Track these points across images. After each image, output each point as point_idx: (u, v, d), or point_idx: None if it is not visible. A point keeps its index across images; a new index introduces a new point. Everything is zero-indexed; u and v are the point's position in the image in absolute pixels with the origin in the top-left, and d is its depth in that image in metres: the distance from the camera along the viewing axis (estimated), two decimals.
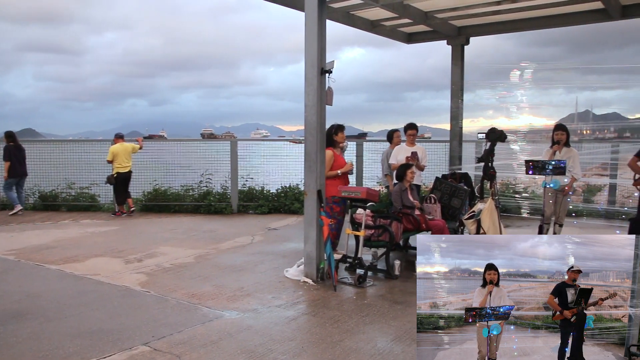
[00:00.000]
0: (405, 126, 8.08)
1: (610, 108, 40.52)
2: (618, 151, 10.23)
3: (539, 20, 8.80)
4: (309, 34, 5.90)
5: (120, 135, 11.28)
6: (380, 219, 6.51)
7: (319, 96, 5.90)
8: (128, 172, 10.85)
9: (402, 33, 10.08)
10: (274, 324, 4.72)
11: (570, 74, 9.22)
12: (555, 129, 7.36)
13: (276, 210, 11.12)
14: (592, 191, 11.59)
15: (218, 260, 7.05)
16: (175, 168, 12.12)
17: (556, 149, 7.19)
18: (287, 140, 16.51)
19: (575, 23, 8.69)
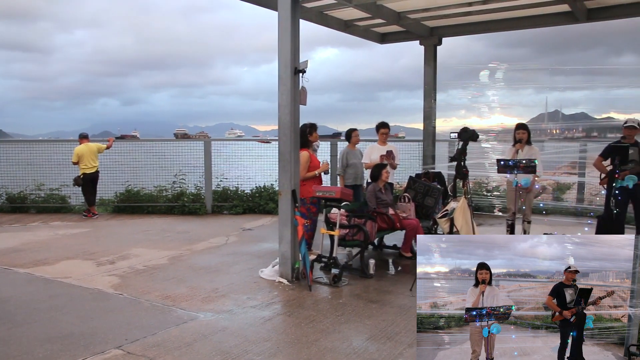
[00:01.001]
0: (377, 125, 8.04)
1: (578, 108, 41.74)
2: (586, 150, 10.46)
3: (508, 21, 8.97)
4: (282, 34, 5.89)
5: (84, 135, 11.05)
6: (354, 218, 6.55)
7: (293, 96, 5.90)
8: (95, 173, 10.66)
9: (375, 33, 10.14)
10: (249, 325, 4.70)
11: (539, 75, 9.42)
12: (517, 128, 7.51)
13: (251, 211, 11.08)
14: (561, 189, 11.84)
15: (192, 262, 6.99)
16: (149, 168, 11.97)
17: (519, 147, 7.33)
18: (256, 140, 16.42)
19: (543, 25, 8.90)
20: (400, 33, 10.00)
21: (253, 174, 11.91)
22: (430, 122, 10.17)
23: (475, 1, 7.71)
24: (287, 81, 5.88)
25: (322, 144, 11.53)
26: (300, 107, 6.09)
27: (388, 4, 8.05)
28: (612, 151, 6.83)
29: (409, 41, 10.23)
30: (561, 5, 7.75)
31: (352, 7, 7.65)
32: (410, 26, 9.22)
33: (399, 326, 4.65)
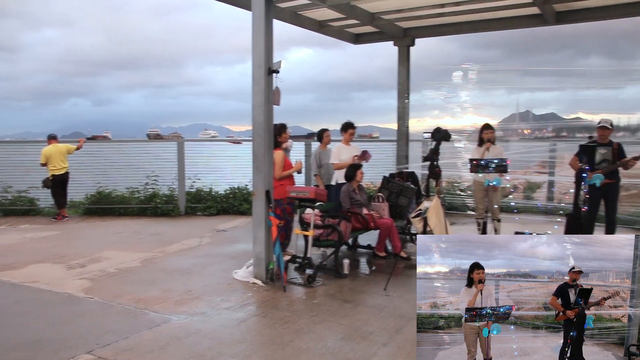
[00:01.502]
0: (345, 125, 7.90)
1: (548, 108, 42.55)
2: (555, 150, 10.66)
3: (480, 23, 9.09)
4: (256, 34, 5.86)
5: (53, 136, 10.82)
6: (328, 218, 6.55)
7: (267, 96, 5.88)
8: (65, 174, 10.45)
9: (349, 34, 10.17)
10: (223, 327, 4.67)
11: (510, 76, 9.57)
12: (484, 128, 7.62)
13: (225, 212, 11.00)
14: (532, 188, 12.05)
15: (165, 264, 6.90)
16: (120, 170, 11.78)
17: (488, 145, 7.43)
18: (227, 140, 16.31)
19: (513, 27, 9.05)
20: (374, 34, 10.05)
21: (227, 175, 11.82)
22: (403, 122, 10.25)
23: (448, 3, 7.79)
24: (260, 81, 5.85)
25: (297, 144, 11.52)
26: (274, 107, 6.07)
27: (362, 4, 8.08)
28: (581, 151, 6.97)
29: (382, 42, 10.29)
30: (531, 8, 7.90)
31: (326, 8, 7.66)
32: (384, 27, 9.27)
33: (373, 325, 4.67)
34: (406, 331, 4.53)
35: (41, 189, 10.67)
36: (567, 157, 9.35)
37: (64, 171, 10.43)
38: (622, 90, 9.46)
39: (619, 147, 6.84)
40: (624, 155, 6.78)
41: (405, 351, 4.13)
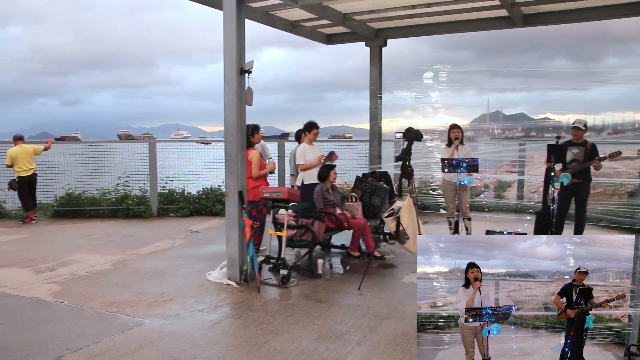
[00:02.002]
0: (309, 125, 7.79)
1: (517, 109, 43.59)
2: (525, 149, 10.87)
3: (450, 24, 9.22)
4: (227, 33, 5.84)
5: (19, 137, 10.57)
6: (302, 218, 6.56)
7: (239, 96, 5.85)
8: (32, 176, 10.22)
9: (321, 34, 10.20)
10: (197, 329, 4.63)
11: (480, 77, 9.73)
12: (452, 128, 7.72)
13: (198, 213, 10.91)
14: (502, 187, 12.26)
15: (137, 266, 6.81)
16: (91, 171, 11.57)
17: (457, 144, 7.54)
18: (196, 140, 16.14)
19: (483, 28, 9.21)
20: (346, 34, 10.10)
21: (200, 176, 11.72)
22: (376, 122, 10.33)
23: (419, 4, 7.87)
24: (232, 81, 5.82)
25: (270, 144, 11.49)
26: (246, 107, 6.05)
27: (334, 5, 8.10)
28: (550, 150, 7.12)
29: (354, 42, 10.34)
30: (499, 10, 8.04)
31: (298, 8, 7.66)
32: (356, 27, 9.31)
33: (348, 325, 4.69)
34: (380, 330, 4.57)
35: (7, 191, 10.43)
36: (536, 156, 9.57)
37: (31, 173, 10.20)
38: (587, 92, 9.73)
39: (592, 148, 6.97)
40: (596, 155, 6.93)
41: (380, 350, 4.16)
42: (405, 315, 4.93)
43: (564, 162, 6.76)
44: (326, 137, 21.80)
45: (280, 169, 11.06)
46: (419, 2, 7.79)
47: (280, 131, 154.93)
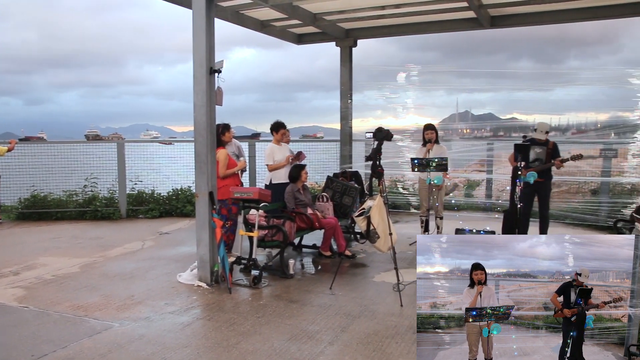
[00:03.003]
0: (276, 125, 7.81)
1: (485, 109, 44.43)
2: (493, 148, 11.06)
3: (419, 25, 9.34)
4: (197, 33, 5.78)
5: None
6: (273, 219, 6.55)
7: (209, 96, 5.81)
8: None
9: (292, 34, 10.20)
10: (168, 331, 4.59)
11: (449, 77, 9.89)
12: (426, 129, 7.84)
13: (168, 214, 10.78)
14: (472, 186, 12.45)
15: (106, 269, 6.70)
16: (57, 172, 11.31)
17: (430, 147, 7.66)
18: (157, 141, 15.92)
19: (451, 30, 9.37)
20: (316, 34, 10.12)
21: (170, 176, 11.59)
22: (347, 122, 10.39)
23: (388, 5, 7.94)
24: (202, 81, 5.78)
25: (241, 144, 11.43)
26: (216, 107, 6.01)
27: (304, 5, 8.11)
28: (516, 150, 7.27)
29: (325, 42, 10.38)
30: (467, 12, 8.18)
31: (268, 8, 7.65)
32: (326, 27, 9.34)
33: (320, 325, 4.71)
34: (352, 329, 4.60)
35: None
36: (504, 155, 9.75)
37: None
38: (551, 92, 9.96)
39: (554, 147, 7.17)
40: (557, 155, 7.12)
41: (352, 349, 4.19)
42: (377, 314, 4.97)
43: (527, 161, 6.93)
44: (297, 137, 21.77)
45: (251, 169, 11.02)
46: (389, 3, 7.86)
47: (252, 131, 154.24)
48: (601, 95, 9.46)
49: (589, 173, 10.46)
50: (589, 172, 10.45)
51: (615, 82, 8.62)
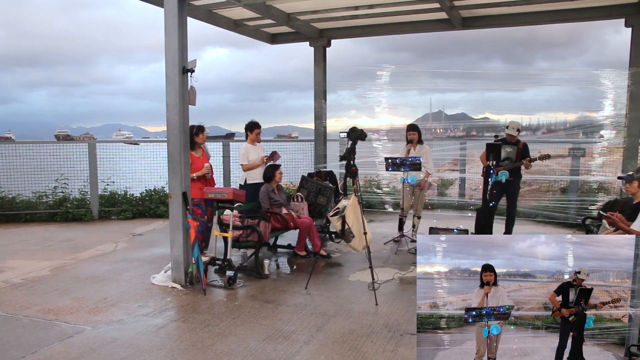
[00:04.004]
0: (250, 125, 7.76)
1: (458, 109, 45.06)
2: (466, 148, 11.22)
3: (392, 26, 9.43)
4: (169, 31, 5.73)
5: None
6: (248, 219, 6.53)
7: (181, 96, 5.76)
8: None
9: (265, 33, 10.18)
10: (141, 334, 4.53)
11: (422, 77, 10.00)
12: (408, 129, 7.91)
13: (141, 215, 10.65)
14: (445, 185, 12.60)
15: (77, 271, 6.59)
16: (26, 173, 11.05)
17: (410, 147, 7.74)
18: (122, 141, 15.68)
19: (423, 30, 9.49)
20: (290, 34, 10.12)
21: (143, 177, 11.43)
22: (321, 122, 10.41)
23: (362, 5, 7.99)
24: (174, 81, 5.72)
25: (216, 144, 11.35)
26: (190, 107, 5.96)
27: (277, 4, 8.10)
28: (488, 149, 7.38)
29: (299, 42, 10.39)
30: (439, 13, 8.28)
31: (241, 7, 7.62)
32: (300, 27, 9.35)
33: (295, 325, 4.71)
34: (327, 329, 4.62)
35: None
36: (476, 154, 9.90)
37: None
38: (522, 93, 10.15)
39: (524, 147, 7.32)
40: (527, 155, 7.27)
41: (327, 348, 4.20)
42: (352, 313, 5.00)
43: (498, 160, 7.05)
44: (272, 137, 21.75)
45: (225, 170, 10.95)
46: (362, 3, 7.91)
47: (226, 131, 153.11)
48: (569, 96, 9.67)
49: (558, 172, 10.70)
50: (559, 171, 10.68)
51: (582, 83, 8.85)
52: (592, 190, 9.55)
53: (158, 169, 10.91)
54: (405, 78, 9.96)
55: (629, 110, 8.19)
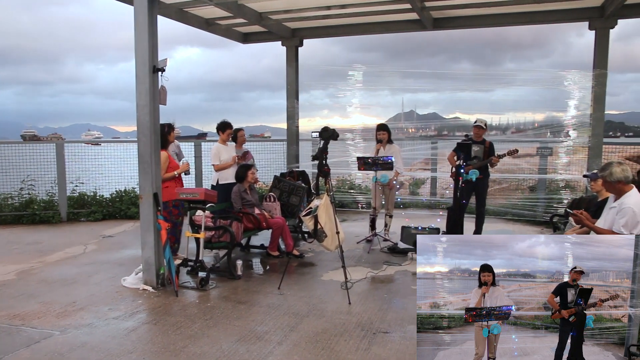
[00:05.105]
0: (222, 125, 7.73)
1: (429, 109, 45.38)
2: (437, 147, 11.36)
3: (364, 26, 9.49)
4: (139, 30, 5.65)
5: None
6: (220, 219, 6.49)
7: (152, 95, 5.68)
8: None
9: (237, 33, 10.13)
10: (112, 338, 4.46)
11: (393, 77, 10.10)
12: (378, 129, 7.97)
13: (111, 216, 10.47)
14: (417, 184, 12.72)
15: (45, 275, 6.44)
16: None
17: (379, 147, 7.80)
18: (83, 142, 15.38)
19: (394, 31, 9.57)
20: (262, 33, 10.09)
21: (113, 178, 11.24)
22: (293, 122, 10.41)
23: (334, 5, 8.01)
24: (145, 80, 5.65)
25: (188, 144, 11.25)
26: (160, 107, 5.89)
27: (249, 3, 8.07)
28: (458, 148, 7.49)
29: (271, 42, 10.38)
30: (410, 13, 8.36)
31: (213, 6, 7.57)
32: (272, 27, 9.33)
33: (268, 325, 4.70)
34: (300, 328, 4.62)
35: None
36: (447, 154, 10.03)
37: None
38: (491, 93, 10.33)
39: (490, 146, 7.46)
40: (493, 154, 7.40)
41: (301, 348, 4.20)
42: (325, 313, 5.01)
43: (467, 159, 7.17)
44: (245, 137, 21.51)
45: (197, 170, 10.86)
46: (334, 3, 7.93)
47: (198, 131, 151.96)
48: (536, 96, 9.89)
49: (527, 170, 10.91)
50: (527, 170, 10.90)
51: (549, 84, 9.06)
52: (559, 189, 9.77)
53: (129, 170, 10.77)
54: (377, 78, 10.05)
55: (593, 111, 8.42)
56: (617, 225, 4.70)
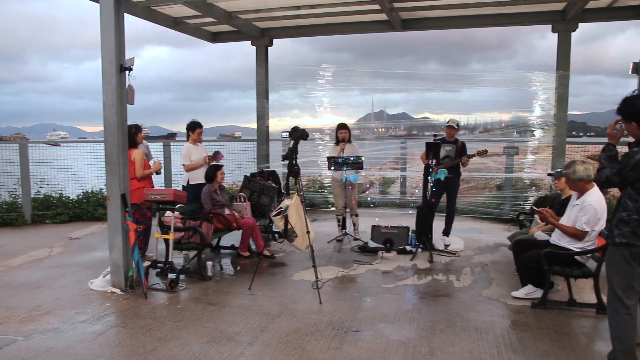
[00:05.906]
0: (192, 124, 7.67)
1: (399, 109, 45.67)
2: (407, 147, 11.47)
3: (333, 26, 9.54)
4: (105, 28, 5.54)
5: None
6: (189, 220, 6.43)
7: (119, 95, 5.59)
8: None
9: (206, 32, 10.05)
10: (79, 342, 4.38)
11: (362, 78, 10.18)
12: (339, 128, 7.96)
13: (78, 218, 10.27)
14: (387, 183, 12.83)
15: (8, 279, 6.28)
16: None
17: (343, 146, 7.81)
18: (43, 142, 15.05)
19: (364, 31, 9.65)
20: (231, 33, 10.04)
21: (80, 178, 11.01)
22: (263, 121, 10.40)
23: (304, 5, 8.02)
24: (112, 79, 5.55)
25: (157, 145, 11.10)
26: (128, 106, 5.81)
27: (218, 3, 8.03)
28: (428, 148, 7.58)
29: (240, 41, 10.34)
30: (380, 14, 8.44)
31: (181, 4, 7.49)
32: (242, 26, 9.29)
33: (239, 326, 4.68)
34: (272, 329, 4.61)
35: None
36: (417, 153, 10.15)
37: None
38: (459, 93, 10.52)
39: (462, 146, 7.56)
40: (465, 153, 7.51)
41: (272, 348, 4.20)
42: (296, 313, 5.01)
43: (437, 159, 7.26)
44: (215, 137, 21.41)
45: (166, 170, 10.72)
46: (304, 3, 7.94)
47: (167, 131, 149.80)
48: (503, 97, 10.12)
49: (494, 169, 11.12)
50: (495, 169, 11.11)
51: (514, 85, 9.27)
52: (525, 187, 9.99)
53: (96, 171, 10.57)
54: (347, 78, 10.11)
55: (557, 111, 8.65)
56: (580, 222, 4.84)
